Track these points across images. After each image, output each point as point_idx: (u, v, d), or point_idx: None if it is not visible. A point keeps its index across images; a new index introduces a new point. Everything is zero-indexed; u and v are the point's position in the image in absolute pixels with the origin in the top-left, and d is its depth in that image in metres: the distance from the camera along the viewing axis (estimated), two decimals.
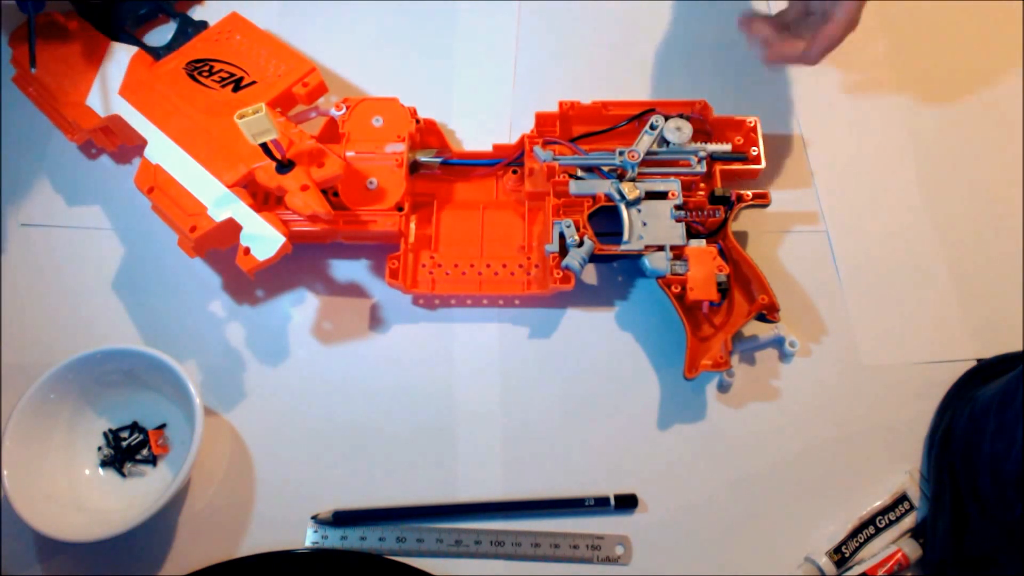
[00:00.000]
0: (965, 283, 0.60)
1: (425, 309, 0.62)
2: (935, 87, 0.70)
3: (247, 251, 0.55)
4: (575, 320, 0.61)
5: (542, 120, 0.64)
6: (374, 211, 0.60)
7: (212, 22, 0.67)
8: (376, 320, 0.61)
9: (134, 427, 0.57)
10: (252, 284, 0.62)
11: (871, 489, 0.55)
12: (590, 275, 0.63)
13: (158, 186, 0.58)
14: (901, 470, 0.56)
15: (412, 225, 0.62)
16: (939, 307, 0.61)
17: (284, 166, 0.56)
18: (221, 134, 0.59)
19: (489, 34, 0.74)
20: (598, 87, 0.67)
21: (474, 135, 0.69)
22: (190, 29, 0.67)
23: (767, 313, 0.57)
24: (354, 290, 0.63)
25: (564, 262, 0.58)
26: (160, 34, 0.71)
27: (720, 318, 0.59)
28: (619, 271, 0.63)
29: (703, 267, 0.57)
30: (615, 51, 0.73)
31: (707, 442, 0.57)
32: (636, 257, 0.59)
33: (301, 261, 0.62)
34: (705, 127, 0.63)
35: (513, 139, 0.67)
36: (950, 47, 0.66)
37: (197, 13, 0.69)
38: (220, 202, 0.56)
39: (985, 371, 0.58)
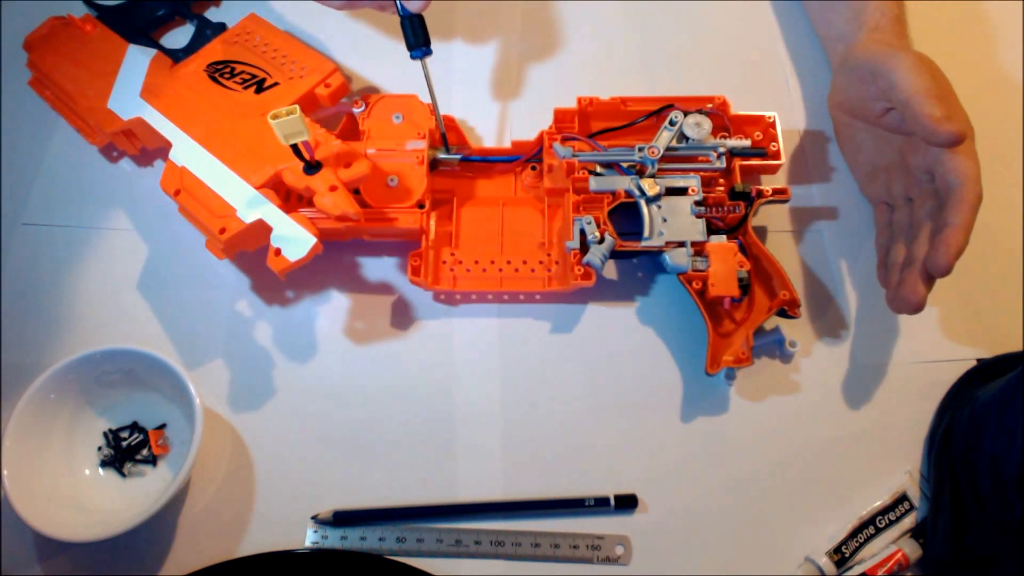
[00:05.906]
0: (965, 283, 0.60)
1: (446, 305, 0.62)
2: None
3: (278, 252, 0.55)
4: (596, 316, 0.61)
5: (561, 116, 0.64)
6: (396, 208, 0.60)
7: (230, 24, 0.67)
8: (389, 319, 0.61)
9: (134, 427, 0.57)
10: (253, 285, 0.62)
11: (871, 489, 0.55)
12: (611, 271, 0.63)
13: (185, 188, 0.58)
14: (901, 470, 0.56)
15: (432, 222, 0.62)
16: (939, 307, 0.61)
17: (312, 167, 0.56)
18: (246, 136, 0.60)
19: (492, 33, 0.74)
20: (603, 85, 0.67)
21: (485, 133, 0.69)
22: (208, 31, 0.67)
23: (788, 309, 0.57)
24: (361, 287, 0.62)
25: (585, 259, 0.58)
26: (177, 36, 0.71)
27: (741, 314, 0.59)
28: (640, 267, 0.63)
29: (724, 263, 0.58)
30: (621, 50, 0.73)
31: (707, 442, 0.57)
32: (657, 253, 0.59)
33: (314, 260, 0.61)
34: (724, 123, 0.63)
35: (509, 139, 0.67)
36: (950, 46, 0.66)
37: (213, 15, 0.69)
38: (249, 203, 0.56)
39: (985, 371, 0.58)
